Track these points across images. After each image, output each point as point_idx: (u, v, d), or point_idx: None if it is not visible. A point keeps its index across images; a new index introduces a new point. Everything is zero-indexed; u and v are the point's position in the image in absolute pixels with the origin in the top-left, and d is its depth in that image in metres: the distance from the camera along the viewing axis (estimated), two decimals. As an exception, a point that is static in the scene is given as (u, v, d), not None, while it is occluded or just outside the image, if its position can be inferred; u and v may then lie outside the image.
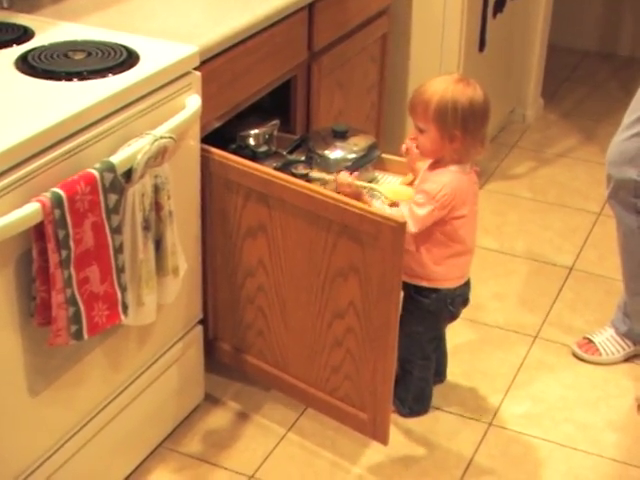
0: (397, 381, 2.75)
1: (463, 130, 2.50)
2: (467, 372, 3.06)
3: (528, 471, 2.71)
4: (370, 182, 2.77)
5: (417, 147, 2.60)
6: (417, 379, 2.82)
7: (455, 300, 2.70)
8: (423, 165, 2.66)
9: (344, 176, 2.57)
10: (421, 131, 2.54)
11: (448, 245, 2.60)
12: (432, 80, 2.57)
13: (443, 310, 2.71)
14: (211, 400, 2.90)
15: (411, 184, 2.72)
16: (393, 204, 2.62)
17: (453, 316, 2.76)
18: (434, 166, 2.58)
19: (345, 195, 2.49)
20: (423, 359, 2.80)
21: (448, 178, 2.54)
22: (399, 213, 2.50)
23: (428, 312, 2.69)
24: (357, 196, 2.53)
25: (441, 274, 2.64)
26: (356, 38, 3.36)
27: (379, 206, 2.57)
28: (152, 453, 2.70)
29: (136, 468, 2.64)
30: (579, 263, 3.67)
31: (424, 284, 2.65)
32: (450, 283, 2.67)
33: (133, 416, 2.55)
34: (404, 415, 2.86)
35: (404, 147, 2.71)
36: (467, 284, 2.73)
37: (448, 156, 2.54)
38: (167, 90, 2.33)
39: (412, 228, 2.49)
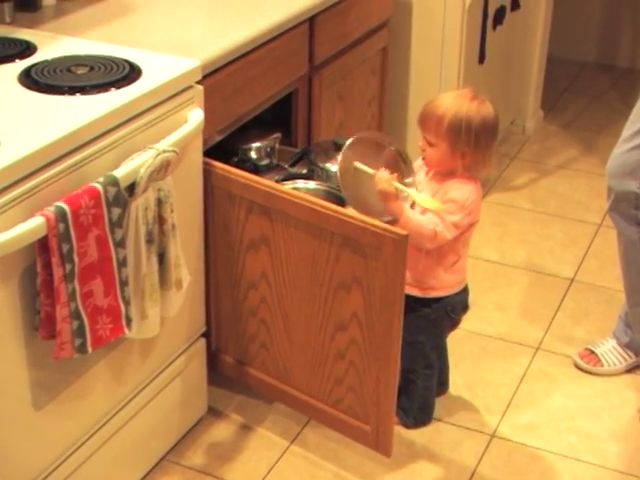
0: (400, 391, 2.75)
1: (475, 147, 2.53)
2: (469, 383, 3.07)
3: (531, 482, 2.73)
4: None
5: (423, 158, 2.61)
6: (421, 389, 2.83)
7: (455, 307, 2.72)
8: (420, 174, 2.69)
9: (384, 173, 2.54)
10: (430, 144, 2.55)
11: (458, 252, 2.63)
12: (445, 95, 2.59)
13: (444, 318, 2.73)
14: (214, 413, 2.90)
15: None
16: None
17: (454, 323, 2.78)
18: (444, 177, 2.59)
19: (380, 191, 2.51)
20: (427, 368, 2.81)
21: (471, 186, 2.57)
22: (431, 221, 2.52)
23: (429, 321, 2.71)
24: (391, 196, 2.53)
25: (450, 281, 2.67)
26: (357, 51, 3.37)
27: (415, 213, 2.56)
28: (155, 466, 2.70)
29: (140, 481, 2.65)
30: (580, 274, 3.67)
31: (434, 295, 2.67)
32: (454, 289, 2.69)
33: (136, 429, 2.55)
34: (408, 425, 2.87)
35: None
36: (465, 290, 2.75)
37: (458, 170, 2.56)
38: (170, 104, 2.34)
39: (447, 234, 2.52)
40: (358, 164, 2.61)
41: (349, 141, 2.64)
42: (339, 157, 2.62)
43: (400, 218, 2.51)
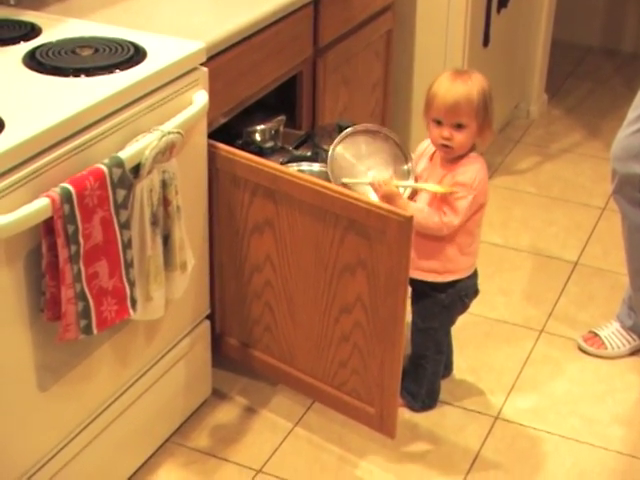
0: (408, 376, 2.76)
1: (491, 115, 2.59)
2: (473, 367, 3.07)
3: (534, 465, 2.72)
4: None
5: (447, 147, 2.57)
6: (430, 374, 2.83)
7: (468, 292, 2.74)
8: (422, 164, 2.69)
9: (377, 177, 2.54)
10: (460, 128, 2.55)
11: (472, 233, 2.64)
12: (450, 78, 2.57)
13: (457, 303, 2.73)
14: (218, 395, 2.91)
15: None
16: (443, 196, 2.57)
17: (465, 308, 2.78)
18: (451, 161, 2.60)
19: (383, 196, 2.50)
20: (437, 354, 2.82)
21: (477, 165, 2.59)
22: (437, 211, 2.53)
23: (444, 307, 2.72)
24: (394, 196, 2.52)
25: (465, 263, 2.68)
26: (361, 34, 3.37)
27: (420, 206, 2.56)
28: (160, 448, 2.71)
29: (144, 463, 2.65)
30: (584, 258, 3.67)
31: (451, 278, 2.67)
32: (468, 271, 2.71)
33: (141, 411, 2.56)
34: (416, 410, 2.87)
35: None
36: (476, 274, 2.76)
37: (477, 147, 2.60)
38: (174, 86, 2.34)
39: (455, 221, 2.54)
40: (345, 180, 2.59)
41: (336, 141, 2.63)
42: (328, 164, 2.61)
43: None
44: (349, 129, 2.67)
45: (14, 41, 2.41)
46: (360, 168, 2.63)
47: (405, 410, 2.85)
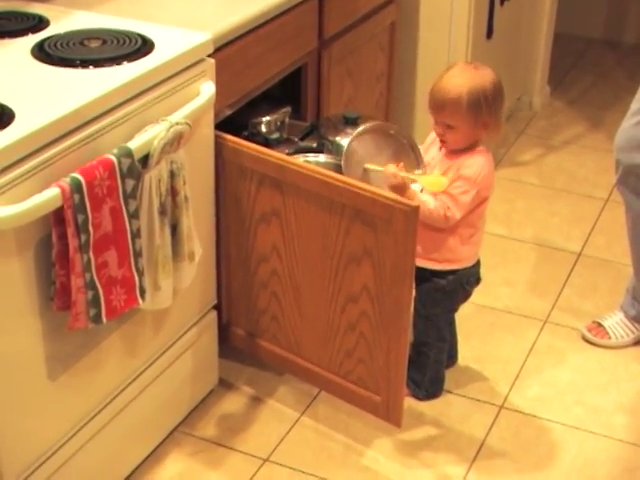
0: (412, 364, 2.77)
1: (495, 114, 2.57)
2: (478, 356, 3.09)
3: (539, 453, 2.74)
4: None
5: (443, 141, 2.61)
6: (433, 362, 2.85)
7: (470, 279, 2.74)
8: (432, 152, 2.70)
9: (391, 167, 2.55)
10: (450, 127, 2.56)
11: (474, 224, 2.65)
12: (448, 75, 2.57)
13: (459, 290, 2.74)
14: (225, 385, 2.92)
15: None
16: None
17: (467, 295, 2.80)
18: (457, 153, 2.60)
19: (392, 187, 2.51)
20: (439, 341, 2.83)
21: (483, 159, 2.59)
22: (442, 205, 2.54)
23: (445, 293, 2.73)
24: (403, 188, 2.52)
25: (466, 254, 2.69)
26: (365, 26, 3.38)
27: (425, 198, 2.56)
28: (168, 437, 2.72)
29: (152, 452, 2.67)
30: (587, 249, 3.69)
31: (451, 267, 2.69)
32: (470, 261, 2.71)
33: (149, 401, 2.58)
34: (420, 398, 2.89)
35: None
36: (478, 262, 2.77)
37: (479, 142, 2.60)
38: (182, 77, 2.35)
39: (457, 215, 2.55)
40: (368, 165, 2.62)
41: (355, 133, 2.65)
42: (344, 150, 2.62)
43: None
44: (367, 125, 2.68)
45: (22, 33, 2.42)
46: (374, 161, 2.64)
47: (410, 399, 2.87)
